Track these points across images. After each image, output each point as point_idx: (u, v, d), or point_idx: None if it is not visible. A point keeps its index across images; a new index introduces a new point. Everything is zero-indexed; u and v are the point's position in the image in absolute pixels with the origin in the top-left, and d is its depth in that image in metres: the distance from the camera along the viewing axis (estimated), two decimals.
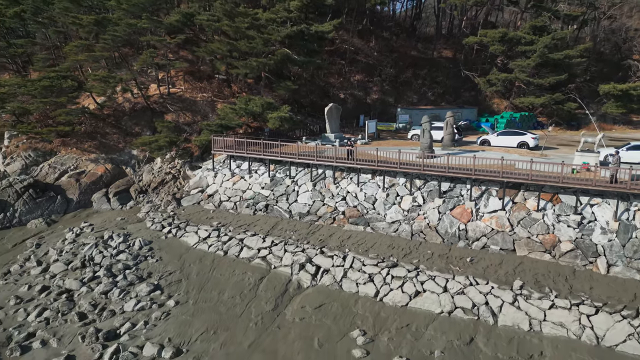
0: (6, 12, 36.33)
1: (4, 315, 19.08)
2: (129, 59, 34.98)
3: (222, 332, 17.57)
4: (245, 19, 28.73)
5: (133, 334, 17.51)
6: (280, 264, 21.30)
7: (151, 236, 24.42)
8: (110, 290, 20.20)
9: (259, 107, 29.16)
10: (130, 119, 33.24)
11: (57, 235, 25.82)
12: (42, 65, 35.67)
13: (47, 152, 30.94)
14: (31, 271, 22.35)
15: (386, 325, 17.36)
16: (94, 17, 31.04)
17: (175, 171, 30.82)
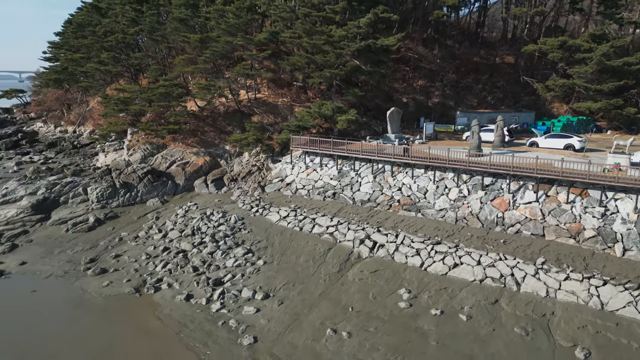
0: (128, 31, 44.67)
1: (138, 266, 25.79)
2: (223, 69, 41.75)
3: (299, 285, 22.92)
4: (321, 37, 34.05)
5: (233, 282, 23.38)
6: (344, 239, 26.29)
7: (243, 214, 30.49)
8: (214, 251, 26.36)
9: (330, 110, 34.36)
10: (224, 119, 39.93)
11: (170, 211, 32.74)
12: (153, 74, 43.56)
13: (160, 145, 38.38)
14: (154, 236, 29.19)
15: (427, 287, 21.77)
16: (199, 36, 37.94)
17: (260, 164, 36.93)
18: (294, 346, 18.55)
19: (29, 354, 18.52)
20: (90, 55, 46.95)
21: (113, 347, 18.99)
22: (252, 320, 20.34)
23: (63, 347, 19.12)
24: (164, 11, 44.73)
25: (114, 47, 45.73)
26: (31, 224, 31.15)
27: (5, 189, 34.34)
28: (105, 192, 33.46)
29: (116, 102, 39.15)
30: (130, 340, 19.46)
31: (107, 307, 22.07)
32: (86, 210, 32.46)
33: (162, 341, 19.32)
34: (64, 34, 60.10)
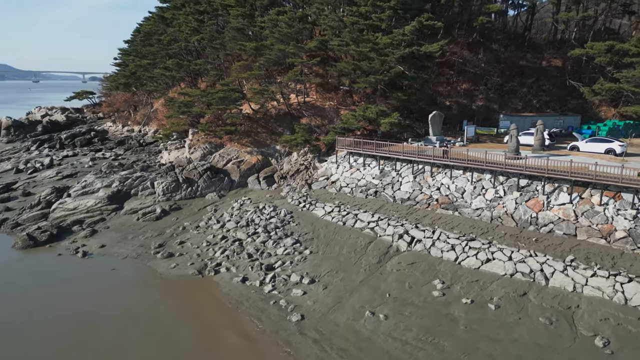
0: (190, 39, 48.82)
1: (200, 252, 29.15)
2: (275, 74, 44.91)
3: (341, 273, 25.39)
4: (367, 44, 36.31)
5: (283, 268, 26.19)
6: (384, 234, 28.47)
7: (291, 208, 33.33)
8: (266, 241, 29.32)
9: (374, 114, 36.56)
10: (275, 121, 43.07)
11: (226, 204, 36.14)
12: (212, 79, 47.42)
13: (218, 145, 42.04)
14: (213, 226, 32.59)
15: (460, 279, 23.61)
16: (254, 44, 41.24)
17: (307, 163, 39.71)
18: (336, 324, 21.03)
19: (115, 319, 22.14)
20: (156, 62, 51.65)
21: (183, 318, 22.29)
22: (299, 301, 23.01)
23: (141, 315, 22.63)
24: (222, 21, 48.52)
25: (177, 54, 50.11)
26: (107, 212, 35.46)
27: (84, 181, 39.01)
28: (170, 186, 37.35)
29: (179, 105, 43.21)
30: (197, 312, 22.69)
31: (175, 285, 25.50)
32: (154, 202, 36.44)
33: (223, 315, 22.39)
34: (133, 42, 65.88)
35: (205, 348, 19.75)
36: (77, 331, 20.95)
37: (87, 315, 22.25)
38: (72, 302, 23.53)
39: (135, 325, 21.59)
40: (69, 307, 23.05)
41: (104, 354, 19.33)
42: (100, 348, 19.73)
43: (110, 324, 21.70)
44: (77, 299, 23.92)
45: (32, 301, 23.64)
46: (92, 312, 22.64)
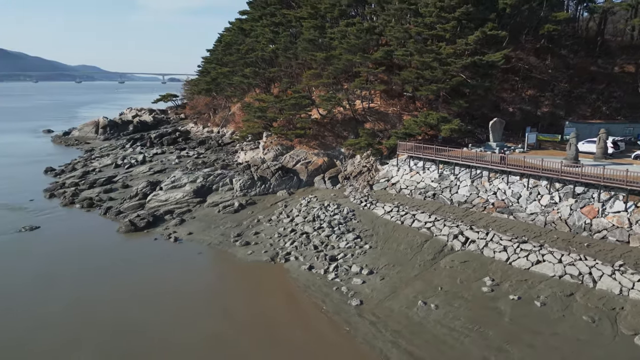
0: (266, 49, 53.32)
1: (272, 242, 32.92)
2: (342, 81, 48.07)
3: (397, 266, 27.99)
4: (430, 55, 38.42)
5: (345, 259, 29.24)
6: (440, 233, 30.63)
7: (354, 207, 36.33)
8: (330, 235, 32.54)
9: (435, 120, 38.58)
10: (341, 125, 46.28)
11: (295, 201, 39.85)
12: (284, 86, 51.53)
13: (288, 147, 45.99)
14: (283, 220, 36.37)
15: (509, 278, 25.36)
16: (324, 54, 44.69)
17: (369, 165, 42.50)
18: (391, 310, 23.73)
19: (202, 294, 26.41)
20: (235, 69, 56.76)
21: (259, 295, 26.08)
22: (359, 288, 25.94)
23: (223, 291, 26.76)
24: (296, 32, 52.48)
25: (254, 62, 54.84)
26: (193, 204, 40.46)
27: (173, 177, 44.49)
28: (246, 183, 41.76)
29: (255, 110, 47.70)
30: (270, 292, 26.37)
31: (251, 269, 29.43)
32: (232, 197, 40.99)
33: (292, 295, 25.88)
34: (215, 51, 72.22)
35: (279, 320, 23.30)
36: (172, 301, 25.36)
37: (179, 290, 26.68)
38: (167, 278, 28.15)
39: (219, 300, 25.67)
40: (165, 282, 27.66)
41: (196, 320, 23.46)
42: (190, 315, 23.90)
43: (199, 297, 25.95)
44: (171, 276, 28.52)
45: (136, 276, 28.56)
46: (183, 286, 27.07)
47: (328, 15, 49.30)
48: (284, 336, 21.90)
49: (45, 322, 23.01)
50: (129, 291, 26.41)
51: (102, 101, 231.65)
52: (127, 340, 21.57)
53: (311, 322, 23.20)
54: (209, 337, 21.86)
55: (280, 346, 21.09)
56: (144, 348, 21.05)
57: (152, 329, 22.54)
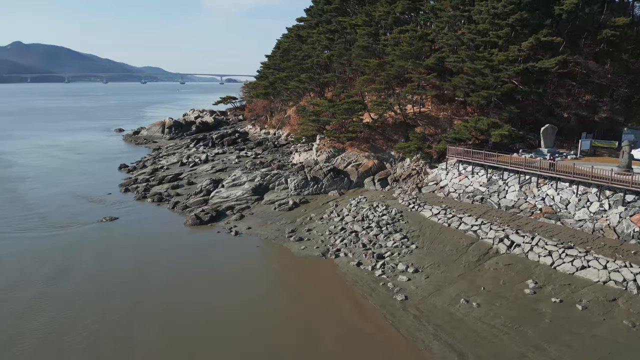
0: (321, 55, 55.75)
1: (324, 239, 35.18)
2: (394, 85, 49.60)
3: (442, 266, 29.40)
4: (482, 62, 39.21)
5: (392, 258, 31.01)
6: (486, 237, 31.63)
7: (402, 208, 37.92)
8: (378, 234, 34.39)
9: (485, 125, 39.32)
10: (391, 129, 47.86)
11: (345, 201, 41.98)
12: (338, 91, 53.77)
13: (340, 149, 48.20)
14: (334, 219, 38.59)
15: (553, 282, 26.13)
16: (377, 61, 46.50)
17: (419, 168, 43.82)
18: (434, 306, 25.29)
19: (261, 281, 29.18)
20: (292, 75, 59.72)
21: (310, 286, 28.46)
22: (404, 285, 27.66)
23: (279, 281, 29.40)
24: (350, 39, 54.59)
25: (310, 68, 57.51)
26: (251, 201, 43.62)
27: (234, 175, 47.98)
28: (300, 183, 44.39)
29: (309, 114, 50.29)
30: (321, 284, 28.68)
31: (304, 263, 31.88)
32: (287, 195, 43.75)
33: (341, 288, 28.03)
34: (273, 57, 75.90)
35: (329, 309, 25.54)
36: (235, 284, 28.28)
37: (241, 276, 29.61)
38: (230, 266, 31.22)
39: (276, 287, 28.35)
40: (229, 270, 30.71)
41: (255, 302, 26.17)
42: (250, 300, 26.65)
43: (258, 284, 28.75)
44: (234, 265, 31.57)
45: (205, 263, 31.82)
46: (243, 274, 29.99)
47: (383, 22, 50.97)
48: (332, 323, 24.09)
49: (150, 292, 26.61)
50: (203, 275, 29.77)
51: (165, 101, 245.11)
52: (204, 310, 24.62)
53: (358, 313, 25.22)
54: (267, 318, 24.49)
55: (328, 333, 23.30)
56: (212, 317, 23.99)
57: (222, 307, 25.48)
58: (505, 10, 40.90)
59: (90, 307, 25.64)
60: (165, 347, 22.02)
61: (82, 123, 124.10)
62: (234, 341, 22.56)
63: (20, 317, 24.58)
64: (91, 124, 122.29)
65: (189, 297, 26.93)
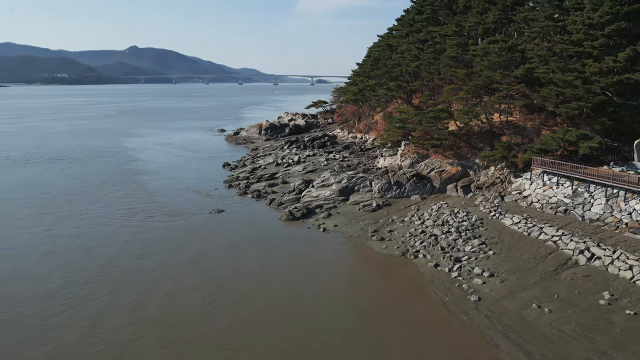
0: (410, 64, 58.12)
1: (404, 240, 37.87)
2: (482, 94, 50.55)
3: (518, 273, 30.80)
4: (572, 73, 39.19)
5: (469, 262, 32.94)
6: (566, 247, 32.28)
7: (482, 215, 39.37)
8: (457, 239, 36.36)
9: (574, 137, 39.26)
10: (477, 137, 48.98)
11: (427, 206, 44.20)
12: (425, 99, 55.79)
13: (424, 155, 50.36)
14: (415, 222, 41.08)
15: (630, 295, 26.54)
16: (465, 71, 47.94)
17: (502, 177, 44.64)
18: (506, 308, 27.07)
19: (344, 275, 32.84)
20: (381, 82, 62.75)
21: (390, 282, 31.52)
22: (478, 287, 29.62)
23: (361, 274, 32.83)
24: (439, 48, 56.29)
25: (398, 76, 60.09)
26: (338, 202, 47.51)
27: (323, 177, 52.29)
28: (384, 187, 47.39)
29: (396, 121, 53.01)
30: (400, 281, 31.62)
31: (384, 261, 34.96)
32: (371, 198, 47.02)
33: (419, 286, 30.73)
34: (364, 65, 79.57)
35: (404, 301, 28.48)
36: (323, 274, 32.23)
37: (326, 269, 33.53)
38: (319, 259, 35.29)
39: (357, 279, 31.86)
40: (318, 261, 34.81)
41: (336, 291, 29.87)
42: (332, 287, 30.39)
43: (340, 275, 32.47)
44: (321, 258, 35.61)
45: (296, 253, 36.27)
46: (329, 266, 33.87)
47: (472, 32, 52.08)
48: (407, 317, 26.98)
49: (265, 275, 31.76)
50: (295, 263, 34.25)
51: (260, 103, 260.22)
52: (296, 290, 28.93)
53: (432, 309, 27.77)
54: (345, 305, 28.09)
55: (402, 322, 26.26)
56: (299, 300, 28.11)
57: (308, 290, 29.60)
58: (601, 21, 40.32)
59: (215, 283, 31.13)
60: (263, 316, 26.52)
61: (189, 123, 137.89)
62: (319, 319, 26.44)
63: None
64: (197, 123, 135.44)
65: (284, 279, 31.41)
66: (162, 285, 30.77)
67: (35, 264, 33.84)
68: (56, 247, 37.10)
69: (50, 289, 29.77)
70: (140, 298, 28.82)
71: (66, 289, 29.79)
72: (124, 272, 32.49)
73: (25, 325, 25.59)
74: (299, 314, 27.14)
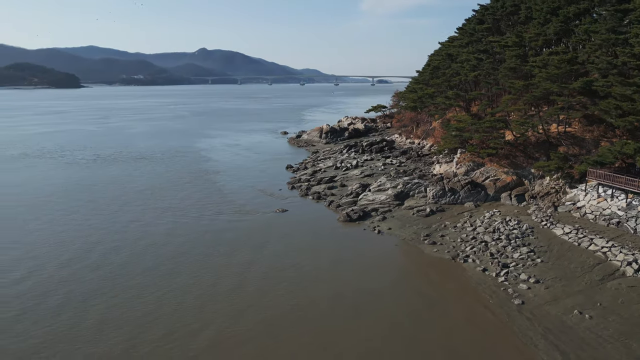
0: (469, 74, 59.61)
1: (455, 245, 40.12)
2: (542, 104, 51.21)
3: (564, 280, 32.26)
4: (631, 87, 39.44)
5: (516, 268, 34.69)
6: (615, 259, 33.22)
7: (533, 224, 40.69)
8: (506, 246, 38.09)
9: (632, 150, 39.51)
10: (533, 147, 49.84)
11: (479, 213, 45.93)
12: (483, 107, 57.10)
13: (479, 164, 51.92)
14: (467, 228, 43.06)
15: None
16: (522, 82, 49.02)
17: (557, 187, 45.41)
18: (548, 313, 28.89)
19: (396, 272, 35.85)
20: (440, 91, 64.53)
21: (440, 281, 34.17)
22: (523, 292, 31.50)
23: (413, 273, 35.68)
24: (499, 58, 57.32)
25: (456, 85, 61.64)
26: (393, 206, 50.35)
27: (379, 182, 55.29)
28: (438, 193, 49.62)
29: (453, 129, 54.90)
30: (448, 281, 34.13)
31: (435, 263, 37.51)
32: (425, 203, 49.42)
33: (466, 288, 33.08)
34: (423, 73, 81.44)
35: (450, 300, 31.05)
36: (375, 273, 35.44)
37: (380, 267, 36.69)
38: (372, 257, 38.50)
39: (408, 278, 34.75)
40: (372, 260, 38.05)
41: (389, 286, 32.95)
42: (386, 284, 33.48)
43: (393, 273, 35.50)
44: (375, 257, 38.80)
45: (353, 252, 39.70)
46: (383, 265, 37.00)
47: (532, 44, 52.80)
48: (452, 315, 29.56)
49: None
50: (351, 260, 37.73)
51: (321, 104, 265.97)
52: (349, 282, 32.45)
53: (477, 309, 30.09)
54: (396, 299, 31.14)
55: (448, 322, 28.89)
56: (355, 291, 31.53)
57: (365, 287, 32.97)
58: None
59: (275, 269, 35.42)
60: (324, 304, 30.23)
61: (254, 124, 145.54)
62: (366, 310, 29.74)
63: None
64: (262, 125, 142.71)
65: (341, 273, 35.02)
66: (254, 276, 34.94)
67: (146, 254, 39.15)
68: (156, 238, 42.65)
69: (166, 270, 35.58)
70: (237, 286, 33.39)
71: (178, 273, 35.27)
72: (217, 263, 37.28)
73: (147, 293, 31.17)
74: (348, 307, 30.59)
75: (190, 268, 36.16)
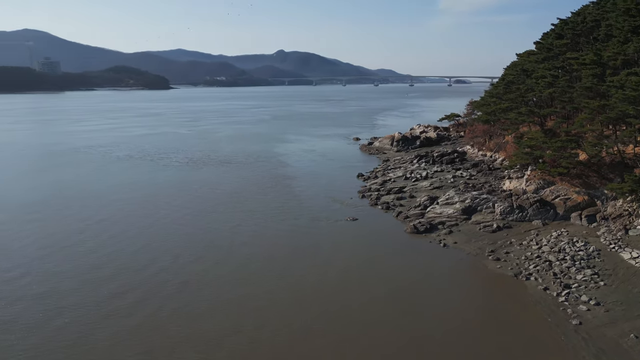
0: (543, 91, 59.79)
1: (519, 262, 41.76)
2: (621, 125, 50.62)
3: (625, 305, 33.14)
4: None
5: (577, 289, 35.97)
6: None
7: (601, 247, 41.24)
8: (570, 267, 39.17)
9: None
10: (607, 168, 49.54)
11: (546, 232, 46.86)
12: (557, 125, 57.15)
13: (550, 182, 52.43)
14: (532, 247, 44.32)
15: None
16: (597, 103, 48.96)
17: (631, 210, 45.14)
18: (604, 334, 30.34)
19: (459, 288, 38.60)
20: (513, 106, 64.97)
21: (499, 298, 36.46)
22: (582, 313, 32.97)
23: (476, 288, 38.24)
24: (575, 76, 56.98)
25: (530, 101, 61.84)
26: (460, 220, 52.49)
27: (448, 195, 57.51)
28: (506, 209, 51.02)
29: (524, 146, 55.70)
30: (508, 298, 36.30)
31: (496, 279, 39.65)
32: (492, 219, 51.06)
33: (525, 305, 35.05)
34: (497, 87, 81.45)
35: (509, 316, 33.39)
36: (439, 286, 38.39)
37: (445, 280, 39.56)
38: (437, 270, 41.44)
39: (470, 293, 37.40)
40: (438, 274, 41.00)
41: (451, 300, 35.82)
42: (448, 297, 36.38)
43: (455, 288, 38.27)
44: (440, 270, 41.69)
45: (421, 264, 42.88)
46: (447, 278, 39.84)
47: (611, 63, 52.16)
48: (509, 330, 31.93)
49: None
50: (415, 272, 41.01)
51: (394, 107, 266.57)
52: (401, 298, 35.87)
53: (535, 327, 32.12)
54: (458, 314, 34.02)
55: (504, 337, 31.36)
56: (414, 306, 34.84)
57: (424, 298, 36.18)
58: None
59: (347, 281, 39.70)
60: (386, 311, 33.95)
61: (329, 129, 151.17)
62: (426, 318, 32.95)
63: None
64: (335, 130, 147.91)
65: (404, 285, 38.47)
66: (329, 279, 39.74)
67: (241, 256, 45.75)
68: (245, 239, 48.96)
69: (269, 270, 41.24)
70: (313, 290, 38.48)
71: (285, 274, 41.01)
72: (297, 268, 42.54)
73: (217, 286, 37.03)
74: (412, 315, 34.01)
75: (276, 267, 41.53)
